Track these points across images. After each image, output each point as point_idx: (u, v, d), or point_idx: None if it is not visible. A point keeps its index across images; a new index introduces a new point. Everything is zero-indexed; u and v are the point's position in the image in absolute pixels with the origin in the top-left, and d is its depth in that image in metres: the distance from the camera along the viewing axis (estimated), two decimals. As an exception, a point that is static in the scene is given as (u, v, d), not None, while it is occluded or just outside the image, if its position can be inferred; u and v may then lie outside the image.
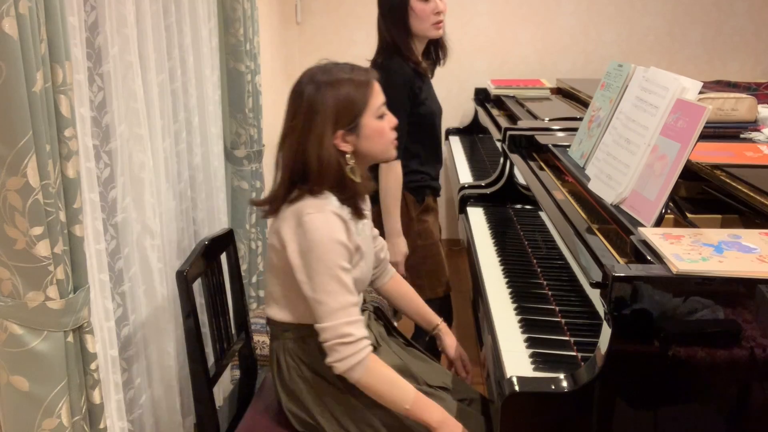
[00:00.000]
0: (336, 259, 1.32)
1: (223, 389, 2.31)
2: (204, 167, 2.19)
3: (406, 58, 2.04)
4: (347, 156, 1.38)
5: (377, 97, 1.39)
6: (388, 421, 1.42)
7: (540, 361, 1.32)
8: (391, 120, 1.43)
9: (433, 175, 2.20)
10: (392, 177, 2.02)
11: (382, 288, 1.72)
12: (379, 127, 1.40)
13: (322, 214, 1.32)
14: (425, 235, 2.16)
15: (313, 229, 1.31)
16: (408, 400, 1.34)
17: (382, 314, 1.65)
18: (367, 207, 1.52)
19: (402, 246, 2.07)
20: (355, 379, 1.33)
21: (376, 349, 1.51)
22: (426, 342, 1.93)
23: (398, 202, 2.06)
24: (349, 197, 1.40)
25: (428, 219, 2.18)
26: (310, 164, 1.35)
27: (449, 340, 1.68)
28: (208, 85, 2.19)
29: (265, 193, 2.73)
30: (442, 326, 1.69)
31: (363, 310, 1.56)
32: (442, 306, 2.18)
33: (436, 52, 2.19)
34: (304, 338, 1.45)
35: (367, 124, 1.38)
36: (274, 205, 1.42)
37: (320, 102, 1.34)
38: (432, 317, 1.71)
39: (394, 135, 1.44)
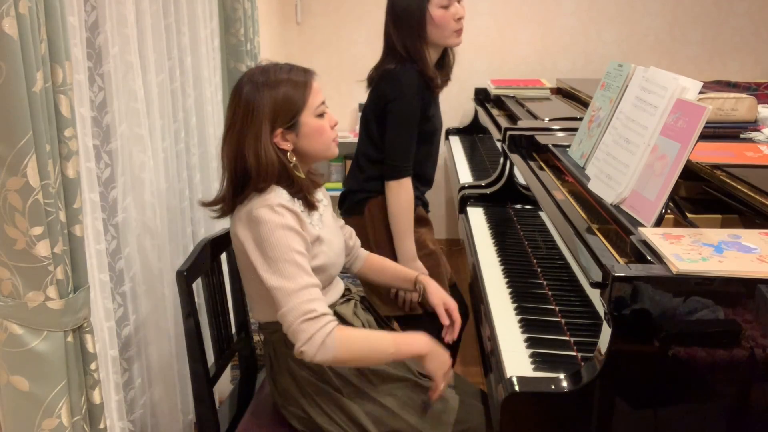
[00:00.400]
0: (290, 243, 1.33)
1: (222, 389, 2.31)
2: (204, 167, 2.19)
3: (420, 71, 1.90)
4: (288, 154, 1.40)
5: (316, 96, 1.41)
6: (378, 414, 1.43)
7: (540, 361, 1.32)
8: (331, 119, 1.45)
9: (421, 190, 2.05)
10: (403, 196, 1.89)
11: (359, 273, 1.72)
12: (319, 125, 1.42)
13: (271, 207, 1.34)
14: (417, 246, 2.00)
15: (264, 221, 1.33)
16: (390, 345, 1.35)
17: (369, 305, 1.66)
18: (324, 198, 1.54)
19: (420, 269, 1.93)
20: (330, 358, 1.30)
21: None
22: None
23: (411, 223, 1.92)
24: (297, 191, 1.42)
25: (420, 230, 2.03)
26: (249, 162, 1.37)
27: (432, 287, 1.62)
28: (209, 85, 2.19)
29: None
30: (422, 277, 1.66)
31: (349, 299, 1.56)
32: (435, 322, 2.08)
33: (449, 61, 2.05)
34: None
35: (306, 122, 1.40)
36: (224, 205, 1.44)
37: (258, 101, 1.36)
38: (409, 273, 1.69)
39: (335, 134, 1.46)
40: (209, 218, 2.23)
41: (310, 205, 1.45)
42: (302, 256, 1.34)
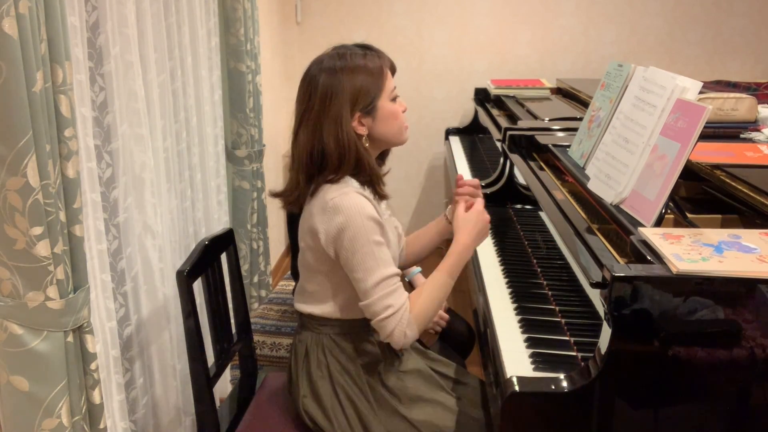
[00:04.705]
0: (368, 234, 1.32)
1: (222, 389, 2.31)
2: (205, 167, 2.19)
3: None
4: (363, 139, 1.40)
5: (390, 80, 1.43)
6: None
7: (540, 361, 1.32)
8: (401, 104, 1.46)
9: None
10: None
11: (406, 260, 1.71)
12: (393, 109, 1.43)
13: (346, 195, 1.34)
14: None
15: (341, 210, 1.33)
16: (449, 281, 1.40)
17: None
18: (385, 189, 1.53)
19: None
20: (414, 337, 1.35)
21: (399, 358, 1.53)
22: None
23: None
24: (368, 180, 1.42)
25: None
26: (328, 147, 1.36)
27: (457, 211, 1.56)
28: (209, 85, 2.19)
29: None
30: (448, 212, 1.65)
31: None
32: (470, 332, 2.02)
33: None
34: (343, 335, 1.46)
35: (383, 106, 1.40)
36: (294, 194, 1.43)
37: (337, 86, 1.35)
38: (438, 221, 1.68)
39: (405, 119, 1.47)
40: (212, 218, 2.23)
41: (380, 195, 1.45)
42: (380, 246, 1.34)
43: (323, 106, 1.36)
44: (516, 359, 1.33)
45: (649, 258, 1.14)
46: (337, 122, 1.35)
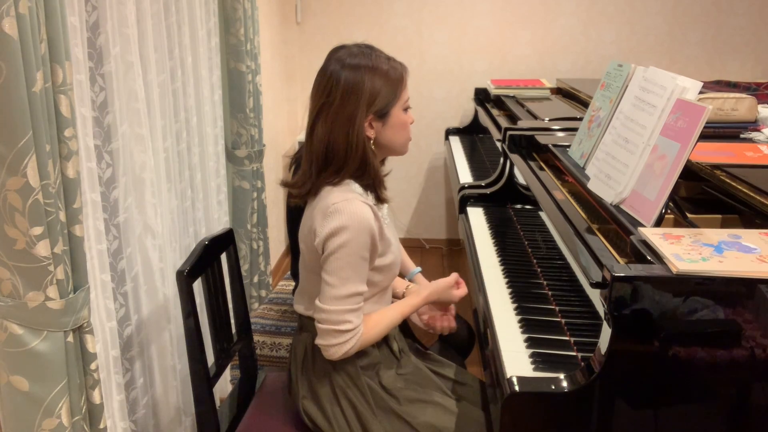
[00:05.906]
0: (359, 247, 1.33)
1: (222, 389, 2.31)
2: (205, 167, 2.19)
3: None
4: (370, 142, 1.41)
5: (407, 90, 1.44)
6: None
7: (540, 361, 1.32)
8: (410, 116, 1.47)
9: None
10: None
11: None
12: (404, 119, 1.44)
13: (349, 203, 1.34)
14: None
15: (342, 215, 1.33)
16: (398, 319, 1.48)
17: (407, 329, 1.66)
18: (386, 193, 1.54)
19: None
20: (349, 355, 1.39)
21: (398, 360, 1.53)
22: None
23: None
24: (370, 183, 1.42)
25: None
26: (337, 143, 1.36)
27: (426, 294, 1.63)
28: (209, 85, 2.19)
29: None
30: (410, 290, 1.68)
31: None
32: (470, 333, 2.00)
33: None
34: None
35: (396, 114, 1.41)
36: (306, 186, 1.43)
37: (359, 83, 1.35)
38: (397, 285, 1.71)
39: (410, 131, 1.48)
40: (212, 218, 2.23)
41: (381, 199, 1.46)
42: (364, 261, 1.35)
43: (342, 101, 1.36)
44: (516, 359, 1.34)
45: (649, 258, 1.14)
46: (351, 120, 1.36)
